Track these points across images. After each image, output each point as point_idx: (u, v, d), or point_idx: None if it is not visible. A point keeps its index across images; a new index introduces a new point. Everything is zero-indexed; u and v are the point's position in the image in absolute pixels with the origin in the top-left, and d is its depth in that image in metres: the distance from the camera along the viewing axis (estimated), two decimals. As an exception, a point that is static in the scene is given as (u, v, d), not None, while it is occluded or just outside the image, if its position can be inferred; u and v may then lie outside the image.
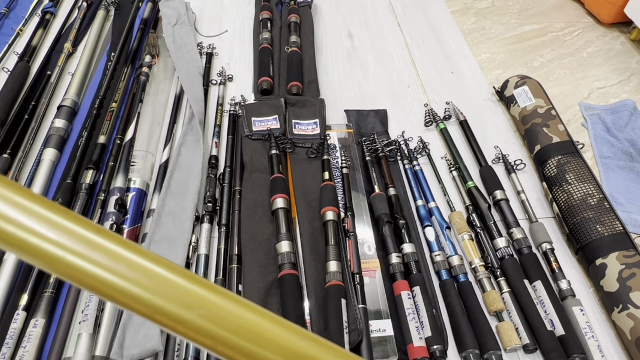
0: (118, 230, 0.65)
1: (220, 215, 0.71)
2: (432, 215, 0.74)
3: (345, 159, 0.79)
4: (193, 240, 0.68)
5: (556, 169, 0.77)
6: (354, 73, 1.02)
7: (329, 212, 0.69)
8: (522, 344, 0.61)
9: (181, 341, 0.59)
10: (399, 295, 0.64)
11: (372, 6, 1.20)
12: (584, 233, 0.69)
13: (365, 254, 0.69)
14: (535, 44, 1.12)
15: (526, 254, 0.69)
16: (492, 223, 0.72)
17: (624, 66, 1.06)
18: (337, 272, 0.63)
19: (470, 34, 1.15)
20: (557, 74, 1.04)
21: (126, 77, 0.91)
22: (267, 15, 1.05)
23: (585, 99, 0.98)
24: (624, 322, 0.61)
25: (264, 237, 0.68)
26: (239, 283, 0.64)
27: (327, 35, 1.11)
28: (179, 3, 1.06)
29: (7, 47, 0.98)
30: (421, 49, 1.09)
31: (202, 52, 1.00)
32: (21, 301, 0.59)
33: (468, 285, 0.66)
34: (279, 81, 0.95)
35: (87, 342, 0.56)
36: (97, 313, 0.58)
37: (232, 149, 0.81)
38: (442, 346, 0.60)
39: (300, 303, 0.62)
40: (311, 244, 0.67)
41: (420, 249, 0.70)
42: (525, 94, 0.89)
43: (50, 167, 0.75)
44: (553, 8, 1.24)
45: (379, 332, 0.61)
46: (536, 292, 0.65)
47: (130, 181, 0.73)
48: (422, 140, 0.85)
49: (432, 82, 1.00)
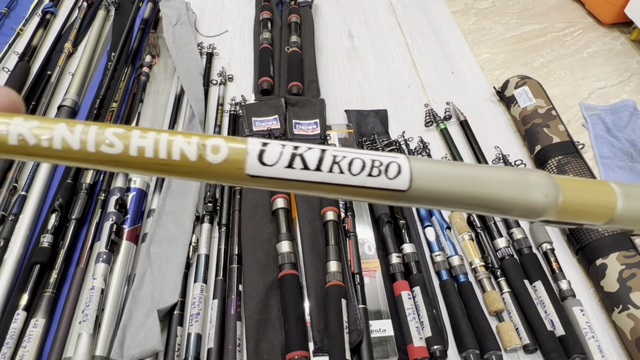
0: (118, 230, 0.65)
1: (220, 215, 0.71)
2: (432, 215, 0.74)
3: (345, 159, 0.79)
4: (193, 240, 0.68)
5: (556, 169, 0.77)
6: (354, 73, 1.02)
7: (329, 212, 0.69)
8: (522, 344, 0.61)
9: (181, 341, 0.59)
10: (399, 295, 0.64)
11: (372, 6, 1.20)
12: (584, 233, 0.69)
13: (365, 253, 0.69)
14: (535, 44, 1.12)
15: (526, 254, 0.69)
16: (492, 223, 0.72)
17: (624, 66, 1.06)
18: (337, 272, 0.63)
19: (471, 34, 1.15)
20: (557, 74, 1.04)
21: (126, 77, 0.91)
22: (267, 15, 1.05)
23: (586, 99, 0.98)
24: (624, 322, 0.61)
25: (264, 237, 0.68)
26: (239, 283, 0.64)
27: (327, 35, 1.11)
28: (179, 3, 1.06)
29: (7, 46, 0.98)
30: (421, 49, 1.09)
31: (202, 52, 1.00)
32: (21, 301, 0.59)
33: (468, 285, 0.66)
34: (279, 81, 0.95)
35: (87, 341, 0.56)
36: (97, 313, 0.58)
37: (232, 148, 0.81)
38: (442, 346, 0.60)
39: (300, 303, 0.62)
40: (311, 244, 0.67)
41: (420, 249, 0.70)
42: (526, 94, 0.89)
43: (50, 167, 0.75)
44: (553, 8, 1.24)
45: (379, 332, 0.61)
46: (536, 292, 0.65)
47: (130, 181, 0.73)
48: (422, 140, 0.85)
49: (432, 82, 1.00)
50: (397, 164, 0.17)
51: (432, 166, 0.18)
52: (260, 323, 0.60)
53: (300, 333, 0.58)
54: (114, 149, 0.16)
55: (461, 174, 0.18)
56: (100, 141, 0.16)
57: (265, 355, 0.58)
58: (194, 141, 0.16)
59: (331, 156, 0.17)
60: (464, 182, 0.18)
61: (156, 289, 0.61)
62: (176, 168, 0.16)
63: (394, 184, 0.17)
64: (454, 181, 0.17)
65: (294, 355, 0.56)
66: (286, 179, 0.17)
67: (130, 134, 0.16)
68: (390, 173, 0.17)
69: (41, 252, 0.64)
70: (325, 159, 0.17)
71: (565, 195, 0.18)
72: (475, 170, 0.18)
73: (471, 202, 0.18)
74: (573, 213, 0.18)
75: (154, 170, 0.16)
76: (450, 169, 0.18)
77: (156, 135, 0.16)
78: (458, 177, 0.18)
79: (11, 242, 0.65)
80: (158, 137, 0.16)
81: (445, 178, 0.17)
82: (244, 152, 0.16)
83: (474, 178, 0.18)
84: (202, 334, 0.60)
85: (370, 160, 0.17)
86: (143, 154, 0.16)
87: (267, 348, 0.58)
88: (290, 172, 0.16)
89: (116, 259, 0.64)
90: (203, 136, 0.16)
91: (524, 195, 0.18)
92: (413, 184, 0.17)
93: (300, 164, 0.16)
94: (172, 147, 0.16)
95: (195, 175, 0.16)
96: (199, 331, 0.59)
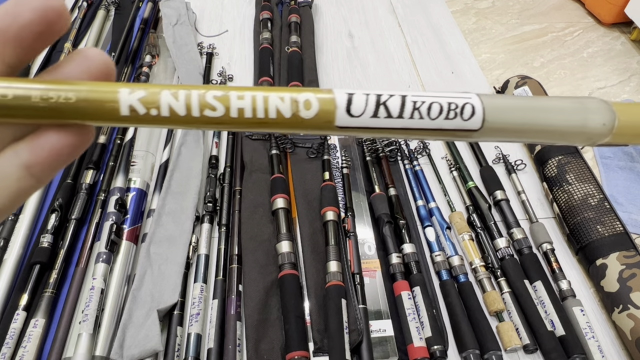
0: (118, 230, 0.65)
1: (220, 215, 0.71)
2: (432, 215, 0.74)
3: (345, 159, 0.79)
4: (193, 240, 0.68)
5: (556, 169, 0.77)
6: (354, 73, 1.02)
7: (329, 212, 0.69)
8: (522, 344, 0.61)
9: (181, 341, 0.59)
10: (399, 295, 0.64)
11: (372, 6, 1.20)
12: (584, 233, 0.69)
13: (365, 254, 0.69)
14: (535, 44, 1.12)
15: (526, 254, 0.69)
16: (492, 223, 0.72)
17: (624, 66, 1.06)
18: (337, 272, 0.63)
19: (471, 33, 1.15)
20: (557, 74, 1.04)
21: (126, 77, 0.91)
22: (267, 15, 1.05)
23: (586, 99, 0.98)
24: (624, 322, 0.61)
25: (264, 237, 0.68)
26: (239, 283, 0.64)
27: (327, 35, 1.11)
28: (179, 3, 1.06)
29: (7, 46, 0.98)
30: (421, 48, 1.09)
31: (202, 52, 1.00)
32: (21, 301, 0.59)
33: (468, 285, 0.66)
34: (279, 81, 0.95)
35: (87, 341, 0.56)
36: (97, 313, 0.58)
37: (232, 148, 0.81)
38: (442, 346, 0.60)
39: (300, 303, 0.62)
40: (311, 244, 0.67)
41: (420, 249, 0.70)
42: (526, 93, 0.89)
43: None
44: (553, 8, 1.24)
45: (379, 332, 0.61)
46: (536, 292, 0.65)
47: (130, 181, 0.73)
48: (422, 140, 0.85)
49: (432, 81, 1.00)
50: (471, 105, 0.18)
51: (502, 103, 0.19)
52: (260, 323, 0.60)
53: (300, 333, 0.58)
54: (216, 112, 0.17)
55: (527, 107, 0.19)
56: (203, 106, 0.17)
57: (265, 356, 0.58)
58: (287, 98, 0.17)
59: (411, 102, 0.18)
60: (530, 115, 0.19)
61: (156, 289, 0.61)
62: (272, 124, 0.17)
63: (468, 125, 0.18)
64: (522, 116, 0.19)
65: (294, 355, 0.56)
66: (371, 127, 0.18)
67: (229, 96, 0.17)
68: (465, 115, 0.18)
69: (41, 252, 0.64)
70: (407, 105, 0.18)
71: (620, 120, 0.19)
72: (538, 102, 0.19)
73: (535, 134, 0.19)
74: (627, 137, 0.20)
75: (253, 127, 0.17)
76: (520, 103, 0.19)
77: (252, 94, 0.17)
78: (525, 112, 0.19)
79: (11, 242, 0.65)
80: (255, 97, 0.17)
81: (514, 114, 0.19)
82: (334, 105, 0.17)
83: (537, 110, 0.19)
84: (202, 334, 0.60)
85: (447, 103, 0.18)
86: (243, 114, 0.17)
87: (267, 348, 0.58)
88: (375, 121, 0.18)
89: (116, 259, 0.64)
90: (294, 90, 0.17)
91: (584, 122, 0.19)
92: (485, 123, 0.18)
93: (384, 113, 0.18)
94: (268, 106, 0.17)
95: (289, 128, 0.18)
96: (199, 331, 0.59)
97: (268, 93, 0.17)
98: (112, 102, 0.16)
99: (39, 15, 0.15)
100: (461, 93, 0.18)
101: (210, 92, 0.17)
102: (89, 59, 0.17)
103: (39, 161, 0.16)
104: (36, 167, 0.16)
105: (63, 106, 0.16)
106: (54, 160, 0.16)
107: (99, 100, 0.16)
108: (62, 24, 0.16)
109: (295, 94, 0.17)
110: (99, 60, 0.17)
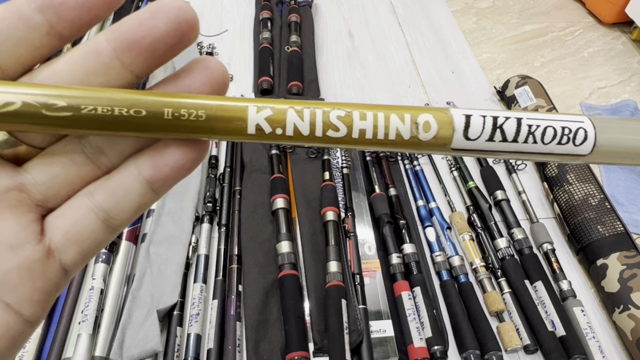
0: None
1: (220, 215, 0.71)
2: (432, 215, 0.74)
3: (345, 159, 0.79)
4: (193, 240, 0.68)
5: (557, 169, 0.77)
6: (354, 72, 1.02)
7: (329, 212, 0.69)
8: (522, 345, 0.61)
9: (181, 341, 0.59)
10: (399, 296, 0.64)
11: (372, 5, 1.20)
12: (585, 233, 0.69)
13: (366, 254, 0.69)
14: (536, 44, 1.12)
15: (527, 254, 0.69)
16: (492, 223, 0.72)
17: (625, 66, 1.06)
18: (337, 272, 0.63)
19: (471, 33, 1.15)
20: (557, 74, 1.04)
21: (126, 77, 0.91)
22: (267, 14, 1.05)
23: (586, 99, 0.98)
24: (624, 323, 0.61)
25: (263, 237, 0.68)
26: (239, 283, 0.64)
27: (327, 35, 1.11)
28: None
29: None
30: (421, 48, 1.08)
31: (201, 52, 1.00)
32: (20, 301, 0.59)
33: (468, 285, 0.66)
34: (279, 80, 0.94)
35: (87, 342, 0.56)
36: (96, 313, 0.58)
37: (231, 148, 0.81)
38: (443, 347, 0.60)
39: (300, 303, 0.61)
40: (311, 244, 0.67)
41: (420, 249, 0.70)
42: (526, 93, 0.89)
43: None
44: (554, 7, 1.24)
45: (379, 333, 0.61)
46: (537, 292, 0.65)
47: (130, 181, 0.73)
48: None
49: (432, 81, 1.00)
50: (584, 130, 0.18)
51: (615, 128, 0.18)
52: (260, 323, 0.60)
53: (300, 333, 0.58)
54: (339, 132, 0.17)
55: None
56: (327, 126, 0.17)
57: (265, 356, 0.58)
58: (407, 120, 0.17)
59: (527, 126, 0.18)
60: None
61: (156, 289, 0.61)
62: (389, 145, 0.17)
63: (578, 150, 0.18)
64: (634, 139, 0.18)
65: (294, 355, 0.56)
66: (485, 150, 0.18)
67: (352, 117, 0.17)
68: (577, 140, 0.18)
69: (40, 252, 0.63)
70: (522, 129, 0.18)
71: None
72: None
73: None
74: None
75: (371, 146, 0.18)
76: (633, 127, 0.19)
77: (374, 115, 0.17)
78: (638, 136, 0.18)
79: (10, 242, 0.65)
80: (377, 117, 0.17)
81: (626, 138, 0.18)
82: (452, 129, 0.17)
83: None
84: (202, 334, 0.60)
85: (560, 127, 0.18)
86: (364, 135, 0.17)
87: (266, 348, 0.58)
88: (489, 145, 0.18)
89: (115, 259, 0.64)
90: (414, 111, 0.17)
91: None
92: (595, 149, 0.18)
93: (499, 137, 0.17)
94: (389, 129, 0.17)
95: (404, 148, 0.18)
96: (198, 331, 0.59)
97: (389, 112, 0.17)
98: (241, 120, 0.16)
99: (174, 27, 0.15)
100: (574, 116, 0.18)
101: (334, 112, 0.17)
102: (210, 70, 0.16)
103: (161, 177, 0.16)
104: (158, 182, 0.16)
105: (193, 124, 0.16)
106: (175, 176, 0.16)
107: (228, 118, 0.16)
108: (193, 35, 0.16)
109: (416, 115, 0.17)
110: (219, 71, 0.16)
